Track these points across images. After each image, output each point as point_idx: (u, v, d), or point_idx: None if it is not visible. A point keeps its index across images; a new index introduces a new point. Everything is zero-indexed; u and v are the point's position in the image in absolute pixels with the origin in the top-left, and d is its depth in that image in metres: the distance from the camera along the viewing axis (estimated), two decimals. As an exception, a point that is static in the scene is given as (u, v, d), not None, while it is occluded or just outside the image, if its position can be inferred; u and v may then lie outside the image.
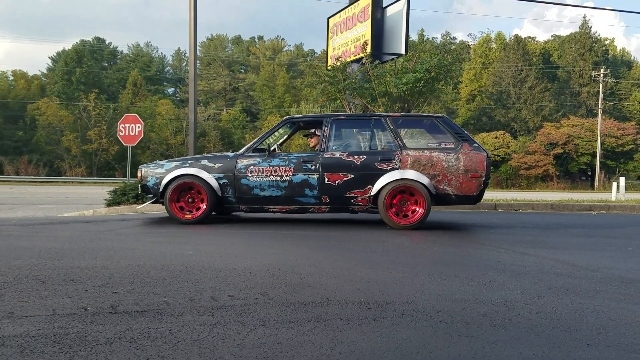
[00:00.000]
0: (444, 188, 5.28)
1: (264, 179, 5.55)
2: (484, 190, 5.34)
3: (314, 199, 5.50)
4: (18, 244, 3.59)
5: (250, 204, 5.66)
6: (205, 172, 5.63)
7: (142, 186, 5.95)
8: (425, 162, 5.30)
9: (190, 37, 9.45)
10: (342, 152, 5.53)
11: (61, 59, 53.45)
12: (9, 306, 1.87)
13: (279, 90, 50.05)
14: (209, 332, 1.64)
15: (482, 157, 5.25)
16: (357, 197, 5.42)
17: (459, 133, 5.48)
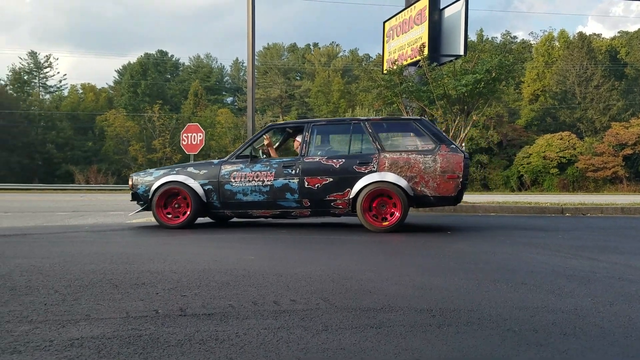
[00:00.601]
0: (422, 190, 5.28)
1: (246, 184, 5.71)
2: (463, 191, 5.31)
3: (295, 202, 5.61)
4: (91, 249, 3.79)
5: (234, 208, 5.83)
6: (190, 178, 5.84)
7: (132, 194, 6.21)
8: (403, 165, 5.32)
9: (248, 47, 9.68)
10: (321, 157, 5.62)
11: (127, 72, 56.09)
12: (86, 309, 1.97)
13: (334, 95, 50.27)
14: (273, 336, 1.67)
15: (459, 158, 5.23)
16: (337, 200, 5.49)
17: (437, 135, 5.47)
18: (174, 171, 6.04)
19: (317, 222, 6.48)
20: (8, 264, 2.93)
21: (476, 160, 39.92)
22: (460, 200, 5.42)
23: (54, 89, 56.67)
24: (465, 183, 5.29)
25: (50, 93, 56.66)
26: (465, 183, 5.29)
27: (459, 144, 9.32)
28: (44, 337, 1.61)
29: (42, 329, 1.69)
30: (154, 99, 48.21)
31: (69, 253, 3.51)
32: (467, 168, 5.33)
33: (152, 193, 5.87)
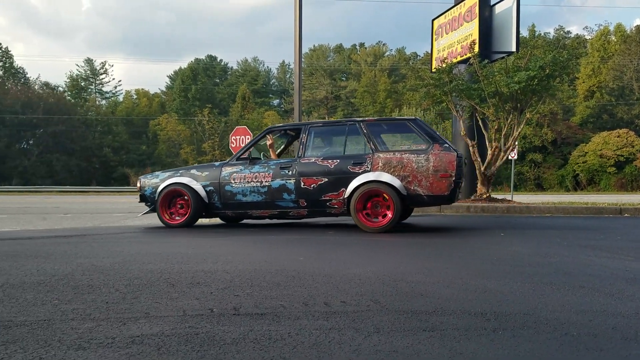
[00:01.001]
0: (415, 189, 5.28)
1: (245, 185, 5.90)
2: (456, 190, 5.29)
3: (292, 202, 5.75)
4: (148, 249, 3.93)
5: (234, 209, 6.03)
6: (193, 180, 6.12)
7: (140, 196, 6.53)
8: (396, 164, 5.34)
9: (295, 49, 9.77)
10: (317, 157, 5.73)
11: (178, 77, 57.77)
12: (145, 307, 2.05)
13: (380, 95, 50.01)
14: (325, 337, 1.68)
15: (452, 157, 5.22)
16: (332, 200, 5.57)
17: (430, 134, 5.47)
18: (178, 173, 6.33)
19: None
20: (70, 264, 3.08)
21: (530, 160, 38.74)
22: (454, 199, 5.37)
23: (110, 94, 59.11)
24: (458, 182, 5.28)
25: (106, 99, 59.12)
26: (458, 182, 5.28)
27: (511, 142, 9.09)
28: (106, 334, 1.68)
29: (105, 327, 1.77)
30: (203, 103, 49.46)
31: (128, 253, 3.65)
32: (461, 167, 5.30)
33: (158, 194, 6.18)
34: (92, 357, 1.47)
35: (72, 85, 56.19)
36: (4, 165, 42.02)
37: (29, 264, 3.01)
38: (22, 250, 3.74)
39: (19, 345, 1.55)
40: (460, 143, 10.21)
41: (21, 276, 2.63)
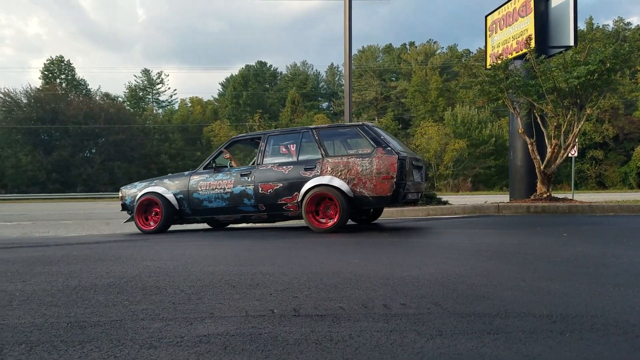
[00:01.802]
0: (360, 191, 5.53)
1: (211, 192, 6.31)
2: (399, 191, 5.45)
3: (253, 207, 6.10)
4: (208, 252, 4.04)
5: (202, 214, 6.46)
6: (165, 189, 6.58)
7: (122, 205, 6.99)
8: (342, 168, 5.62)
9: (345, 51, 9.78)
10: (273, 164, 6.08)
11: (230, 84, 59.08)
12: (209, 307, 2.11)
13: (431, 94, 49.26)
14: (386, 339, 1.68)
15: (393, 160, 5.42)
16: (287, 204, 5.91)
17: (375, 139, 5.67)
18: (152, 183, 6.80)
19: (417, 226, 6.39)
20: (137, 266, 3.21)
21: (590, 157, 37.10)
22: (398, 200, 5.53)
23: (166, 103, 61.24)
24: (400, 183, 5.44)
25: (163, 107, 61.27)
26: (400, 183, 5.44)
27: (571, 139, 8.75)
28: (175, 334, 1.74)
29: (173, 326, 1.84)
30: (254, 109, 50.37)
31: (189, 255, 3.77)
32: (402, 169, 5.46)
33: (135, 203, 6.65)
34: (163, 355, 1.53)
35: (130, 95, 58.62)
36: (68, 173, 44.30)
37: (99, 267, 3.17)
38: (91, 254, 3.93)
39: (94, 345, 1.64)
40: (518, 141, 9.92)
41: (92, 279, 2.77)
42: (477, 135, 41.83)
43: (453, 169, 40.56)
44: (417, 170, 6.13)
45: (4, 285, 2.58)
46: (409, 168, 5.61)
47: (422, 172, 6.38)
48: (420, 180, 6.26)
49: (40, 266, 3.24)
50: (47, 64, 53.72)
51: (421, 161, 6.40)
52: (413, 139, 44.82)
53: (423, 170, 6.46)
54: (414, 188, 5.91)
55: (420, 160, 6.39)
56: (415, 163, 6.02)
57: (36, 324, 1.86)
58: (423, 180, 6.43)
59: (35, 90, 47.33)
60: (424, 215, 8.29)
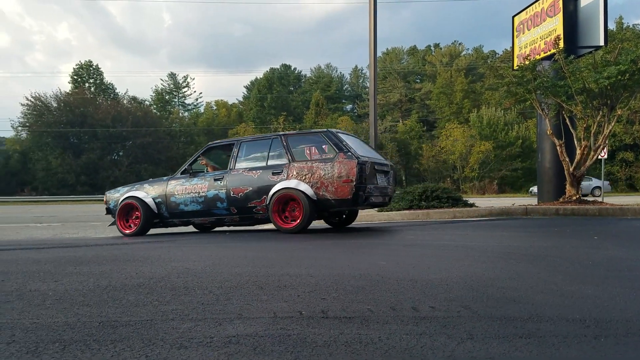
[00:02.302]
0: (323, 194, 5.75)
1: (187, 196, 6.56)
2: (358, 194, 5.64)
3: (225, 210, 6.34)
4: (235, 253, 4.07)
5: (179, 217, 6.70)
6: (145, 193, 6.84)
7: (106, 209, 7.24)
8: (307, 172, 5.85)
9: (370, 53, 9.76)
10: (244, 169, 6.29)
11: (254, 87, 59.52)
12: (237, 308, 2.12)
13: (456, 96, 48.78)
14: (416, 342, 1.66)
15: (352, 164, 5.63)
16: (257, 207, 6.12)
17: (337, 144, 5.90)
18: (134, 188, 7.07)
19: (443, 229, 6.32)
20: (165, 267, 3.25)
21: (620, 159, 36.23)
22: (358, 202, 5.72)
23: (191, 106, 62.03)
24: (360, 187, 5.63)
25: (188, 110, 62.08)
26: (360, 187, 5.63)
27: (601, 141, 8.56)
28: (204, 334, 1.75)
29: (202, 327, 1.85)
30: (279, 111, 50.62)
31: (216, 257, 3.80)
32: (362, 173, 5.65)
33: (117, 207, 6.91)
34: (194, 355, 1.54)
35: (157, 98, 59.55)
36: (97, 175, 45.19)
37: (128, 268, 3.22)
38: (120, 255, 4.00)
39: (126, 344, 1.66)
40: (546, 142, 9.74)
41: (122, 279, 2.81)
42: (503, 137, 41.25)
43: (479, 171, 40.06)
44: (383, 175, 6.33)
45: (37, 285, 2.63)
46: (369, 172, 5.79)
47: (389, 176, 6.53)
48: (387, 184, 6.40)
49: (71, 266, 3.31)
50: (77, 69, 54.97)
51: (388, 166, 6.56)
52: (438, 140, 44.44)
53: (391, 174, 6.61)
54: (378, 192, 6.07)
55: (387, 165, 6.56)
56: (380, 168, 6.19)
57: (69, 323, 1.90)
58: (391, 184, 6.57)
59: (64, 95, 48.47)
60: (449, 217, 8.20)
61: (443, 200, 8.92)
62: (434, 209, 8.63)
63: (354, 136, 6.84)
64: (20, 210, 23.56)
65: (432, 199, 8.92)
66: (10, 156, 47.34)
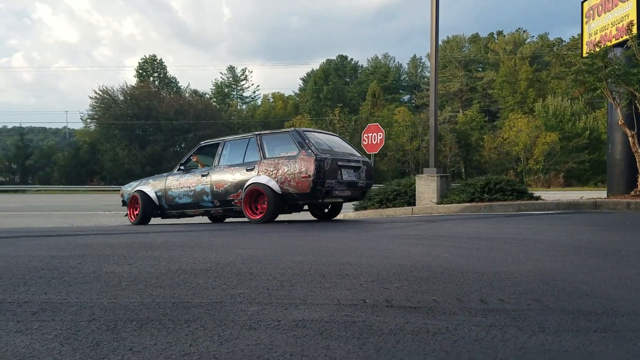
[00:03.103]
0: (287, 188, 6.23)
1: (180, 190, 7.27)
2: (316, 188, 6.08)
3: (210, 203, 6.98)
4: (296, 242, 4.13)
5: (176, 209, 7.42)
6: (149, 187, 7.66)
7: (122, 201, 8.13)
8: (273, 169, 6.35)
9: (432, 42, 9.57)
10: (225, 166, 6.94)
11: (311, 79, 59.79)
12: (301, 294, 2.16)
13: (521, 85, 47.01)
14: (486, 333, 1.63)
15: (311, 160, 6.07)
16: (235, 200, 6.68)
17: (300, 142, 6.36)
18: (142, 183, 7.90)
19: (508, 222, 6.14)
20: (230, 254, 3.35)
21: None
22: (317, 196, 6.15)
23: (249, 99, 63.14)
24: (318, 181, 6.03)
25: (246, 103, 63.27)
26: (318, 181, 6.03)
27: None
28: (272, 317, 1.80)
29: (269, 310, 1.89)
30: (334, 103, 50.59)
31: (277, 245, 3.88)
32: (320, 169, 6.05)
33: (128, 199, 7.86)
34: (263, 337, 1.58)
35: (217, 91, 61.05)
36: (160, 166, 46.93)
37: (196, 253, 3.34)
38: (187, 241, 4.15)
39: (199, 324, 1.72)
40: (617, 133, 9.24)
41: (191, 263, 2.92)
42: (570, 128, 39.43)
43: (544, 163, 38.50)
44: (353, 170, 6.68)
45: (112, 268, 2.78)
46: (330, 168, 6.18)
47: (360, 171, 6.82)
48: (357, 179, 6.73)
49: (143, 251, 3.47)
50: (142, 63, 57.21)
51: (360, 162, 6.85)
52: (500, 131, 43.06)
53: (363, 170, 6.87)
54: (344, 186, 6.45)
55: (359, 161, 6.85)
56: (346, 163, 6.54)
57: (144, 303, 2.00)
58: (362, 179, 6.84)
59: (130, 88, 50.55)
60: (514, 210, 7.95)
61: (507, 192, 8.65)
62: (497, 202, 8.39)
63: (332, 135, 7.51)
64: (89, 199, 24.90)
65: (495, 191, 8.66)
66: (80, 147, 50.00)
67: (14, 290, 2.19)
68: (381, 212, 9.29)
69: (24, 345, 1.49)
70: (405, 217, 8.13)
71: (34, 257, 3.17)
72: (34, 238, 4.57)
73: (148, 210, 7.50)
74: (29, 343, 1.51)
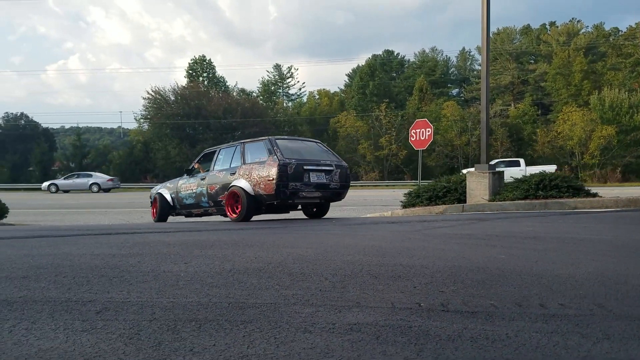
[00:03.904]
0: (258, 190, 6.88)
1: (187, 192, 8.21)
2: (280, 190, 6.71)
3: (207, 203, 7.83)
4: (344, 241, 4.13)
5: (185, 209, 8.40)
6: (166, 190, 8.77)
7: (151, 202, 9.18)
8: (249, 173, 7.05)
9: (482, 34, 9.34)
10: (217, 170, 7.79)
11: (356, 75, 59.51)
12: (355, 297, 2.15)
13: (575, 77, 45.15)
14: (547, 340, 1.58)
15: (275, 165, 6.72)
16: (223, 201, 7.36)
17: (270, 149, 7.05)
18: (163, 185, 9.07)
19: (564, 220, 5.92)
20: (281, 253, 3.38)
21: None
22: (280, 197, 6.78)
23: (295, 96, 63.52)
24: (280, 184, 6.66)
25: (292, 100, 63.68)
26: (280, 184, 6.66)
27: None
28: (326, 320, 1.80)
29: (323, 313, 1.90)
30: (381, 98, 50.19)
31: (327, 244, 3.88)
32: (282, 173, 6.66)
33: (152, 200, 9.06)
34: (318, 340, 1.59)
35: (263, 90, 61.76)
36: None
37: (248, 252, 3.39)
38: (239, 240, 4.23)
39: (255, 325, 1.75)
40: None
41: (243, 263, 2.97)
42: (627, 121, 37.53)
43: (600, 158, 36.88)
44: (324, 173, 7.20)
45: (169, 266, 2.86)
46: (294, 172, 6.78)
47: (332, 174, 7.31)
48: (327, 181, 7.24)
49: (197, 249, 3.55)
50: (191, 63, 58.54)
51: (332, 165, 7.36)
52: (554, 125, 41.56)
53: (335, 173, 7.36)
54: (312, 187, 7.03)
55: (330, 164, 7.37)
56: (314, 167, 7.10)
57: (202, 303, 2.04)
58: (335, 181, 7.34)
59: (181, 88, 51.84)
60: (570, 208, 7.66)
61: (563, 189, 8.33)
62: (553, 199, 8.10)
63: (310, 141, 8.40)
64: (144, 196, 25.71)
65: (551, 188, 8.36)
66: (134, 146, 51.76)
67: (78, 289, 2.29)
68: (430, 209, 9.15)
69: (90, 345, 1.55)
70: (456, 214, 7.98)
71: (96, 255, 3.31)
72: (94, 236, 4.77)
73: (165, 210, 8.62)
74: (94, 342, 1.57)
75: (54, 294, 2.20)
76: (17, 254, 3.42)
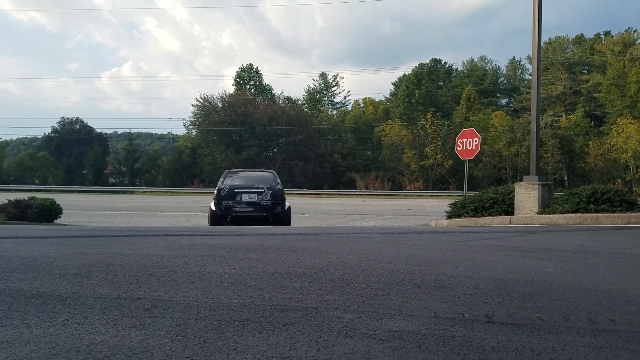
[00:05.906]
0: (211, 206, 9.31)
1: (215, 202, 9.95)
2: (219, 207, 9.15)
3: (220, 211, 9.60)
4: (387, 250, 4.10)
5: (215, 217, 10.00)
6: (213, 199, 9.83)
7: None
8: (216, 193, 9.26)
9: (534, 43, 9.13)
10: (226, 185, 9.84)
11: (402, 84, 59.12)
12: (396, 304, 2.14)
13: (630, 88, 43.32)
14: (595, 355, 1.53)
15: (216, 189, 9.49)
16: None
17: (222, 178, 10.06)
18: None
19: (617, 235, 5.68)
20: (322, 259, 3.39)
21: None
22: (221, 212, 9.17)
23: (340, 105, 63.68)
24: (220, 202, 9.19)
25: (337, 109, 63.82)
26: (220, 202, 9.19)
27: None
28: (367, 326, 1.80)
29: (364, 319, 1.90)
30: (427, 107, 49.62)
31: (369, 252, 3.87)
32: (219, 195, 9.26)
33: None
34: (359, 346, 1.59)
35: (308, 98, 62.25)
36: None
37: (290, 257, 3.42)
38: (281, 245, 4.27)
39: (297, 328, 1.77)
40: None
41: (286, 267, 3.00)
42: (687, 134, 35.67)
43: (657, 171, 35.16)
44: (256, 194, 9.29)
45: (214, 268, 2.93)
46: (227, 194, 9.22)
47: (263, 194, 9.30)
48: (257, 199, 9.28)
49: (241, 253, 3.62)
50: (239, 72, 59.72)
51: (260, 188, 9.41)
52: (607, 137, 39.97)
53: (265, 193, 9.32)
54: (245, 204, 9.19)
55: (258, 187, 9.46)
56: (245, 190, 9.36)
57: (245, 304, 2.08)
58: (264, 199, 9.29)
59: (228, 96, 52.92)
60: (622, 223, 7.34)
61: (615, 203, 7.99)
62: (604, 213, 7.79)
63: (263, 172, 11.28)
64: (190, 200, 26.31)
65: (603, 202, 8.04)
66: (182, 152, 53.14)
67: (127, 287, 2.37)
68: (476, 220, 8.96)
69: (138, 340, 1.61)
70: (503, 226, 7.79)
71: (145, 255, 3.42)
72: (143, 237, 4.93)
73: (215, 217, 9.66)
74: (142, 338, 1.63)
75: (105, 291, 2.29)
76: (70, 252, 3.57)
